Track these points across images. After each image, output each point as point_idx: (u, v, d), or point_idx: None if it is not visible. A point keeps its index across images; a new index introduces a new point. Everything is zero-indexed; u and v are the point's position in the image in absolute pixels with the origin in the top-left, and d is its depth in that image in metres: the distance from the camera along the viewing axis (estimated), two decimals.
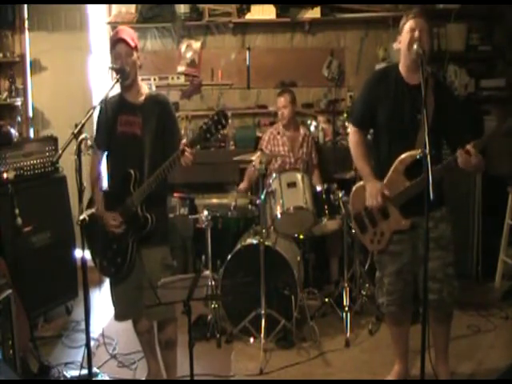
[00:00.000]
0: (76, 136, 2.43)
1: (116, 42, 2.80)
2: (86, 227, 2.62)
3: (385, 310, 3.07)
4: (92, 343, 3.57)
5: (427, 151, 2.34)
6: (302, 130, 4.68)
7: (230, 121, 2.62)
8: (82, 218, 2.44)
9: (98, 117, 2.95)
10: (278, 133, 4.61)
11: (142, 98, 2.90)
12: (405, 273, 2.93)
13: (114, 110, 2.89)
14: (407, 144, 2.79)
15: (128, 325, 3.46)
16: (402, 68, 2.87)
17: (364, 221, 3.01)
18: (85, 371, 2.77)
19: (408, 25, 2.76)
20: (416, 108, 2.73)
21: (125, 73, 2.79)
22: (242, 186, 4.60)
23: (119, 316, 3.10)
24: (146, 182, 2.76)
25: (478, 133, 2.74)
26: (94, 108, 2.64)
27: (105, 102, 2.81)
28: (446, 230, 2.89)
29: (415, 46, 2.67)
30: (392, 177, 2.85)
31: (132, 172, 2.80)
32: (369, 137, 3.21)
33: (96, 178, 2.96)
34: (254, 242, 3.75)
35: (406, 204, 2.82)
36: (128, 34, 2.85)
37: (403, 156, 2.80)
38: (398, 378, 3.13)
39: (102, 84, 5.00)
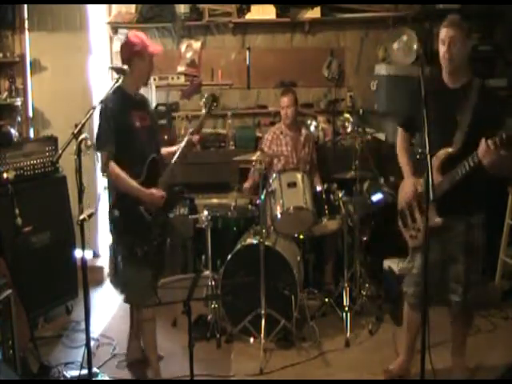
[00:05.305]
0: (76, 136, 2.44)
1: (155, 53, 3.15)
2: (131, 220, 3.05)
3: (408, 300, 3.17)
4: (92, 343, 3.57)
5: (427, 151, 2.35)
6: (303, 131, 4.67)
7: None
8: (81, 217, 2.45)
9: (108, 117, 3.00)
10: (281, 133, 4.60)
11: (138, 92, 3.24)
12: (431, 269, 2.86)
13: (123, 105, 3.07)
14: (445, 142, 2.86)
15: (128, 325, 3.48)
16: (443, 72, 2.96)
17: (406, 216, 3.12)
18: (85, 371, 2.78)
19: (440, 35, 2.87)
20: (455, 109, 2.84)
21: (125, 73, 2.92)
22: (247, 184, 4.60)
23: (146, 298, 3.15)
24: (170, 166, 3.19)
25: None
26: (94, 108, 2.65)
27: (111, 100, 3.00)
28: (478, 238, 2.93)
29: (415, 47, 2.70)
30: None
31: (156, 157, 3.17)
32: None
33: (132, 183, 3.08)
34: (254, 242, 3.75)
35: (442, 203, 2.84)
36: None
37: (438, 153, 2.87)
38: (400, 369, 3.23)
39: (102, 84, 5.00)
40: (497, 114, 2.85)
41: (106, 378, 3.25)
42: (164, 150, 3.36)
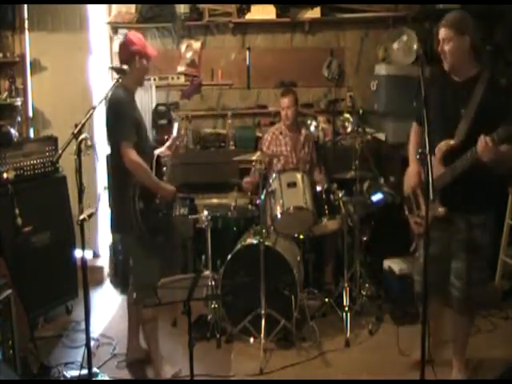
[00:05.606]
0: (76, 136, 2.45)
1: (152, 57, 3.22)
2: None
3: (416, 288, 3.22)
4: (92, 343, 3.57)
5: (427, 151, 2.36)
6: (303, 131, 4.66)
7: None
8: (81, 217, 2.45)
9: (123, 110, 3.06)
10: (281, 133, 4.58)
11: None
12: (434, 263, 2.84)
13: (131, 103, 3.16)
14: (447, 134, 2.89)
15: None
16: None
17: (412, 203, 3.18)
18: (85, 371, 2.78)
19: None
20: (460, 102, 2.87)
21: (125, 73, 2.96)
22: (249, 179, 4.56)
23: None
24: (169, 166, 3.35)
25: None
26: (94, 108, 2.65)
27: (122, 97, 3.07)
28: (482, 238, 2.95)
29: (415, 47, 2.72)
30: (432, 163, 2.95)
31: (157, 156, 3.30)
32: None
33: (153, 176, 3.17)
34: (254, 241, 3.75)
35: (444, 195, 2.89)
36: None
37: (440, 144, 2.91)
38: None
39: (102, 84, 5.00)
40: (503, 105, 2.84)
41: (106, 378, 3.26)
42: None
